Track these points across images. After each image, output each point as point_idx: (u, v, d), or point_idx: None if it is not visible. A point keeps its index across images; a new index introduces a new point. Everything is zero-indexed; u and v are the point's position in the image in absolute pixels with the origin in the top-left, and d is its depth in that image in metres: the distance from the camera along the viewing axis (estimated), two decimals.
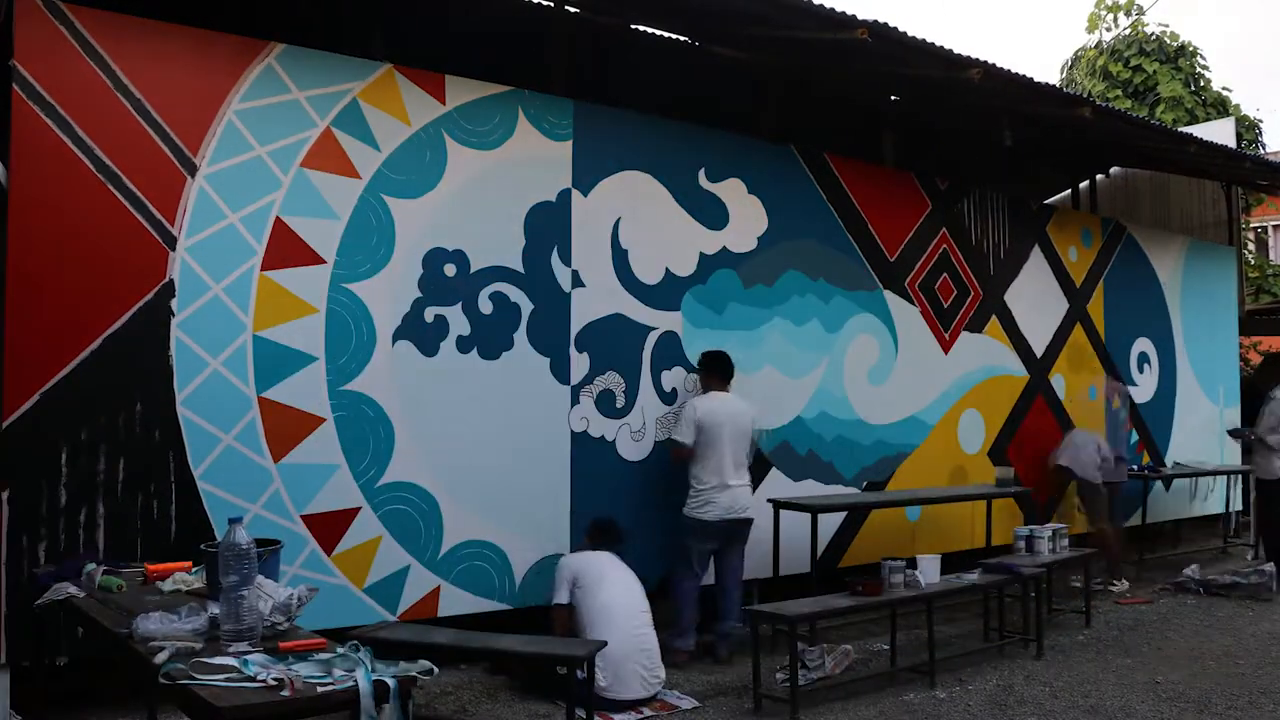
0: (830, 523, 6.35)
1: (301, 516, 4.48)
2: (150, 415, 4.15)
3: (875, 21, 5.37)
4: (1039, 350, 7.81)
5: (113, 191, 4.10)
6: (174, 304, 4.22)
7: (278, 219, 4.46)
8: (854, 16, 5.31)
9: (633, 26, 6.35)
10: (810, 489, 6.25)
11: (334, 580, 4.52)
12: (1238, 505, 9.52)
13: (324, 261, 4.57)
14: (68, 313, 4.00)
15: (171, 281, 4.21)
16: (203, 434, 4.25)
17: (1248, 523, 9.31)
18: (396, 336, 4.74)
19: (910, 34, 5.63)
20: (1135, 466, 8.30)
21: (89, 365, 4.03)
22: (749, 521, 5.41)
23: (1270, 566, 7.11)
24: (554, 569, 5.16)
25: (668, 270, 5.69)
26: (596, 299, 5.40)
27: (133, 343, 4.12)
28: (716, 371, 5.41)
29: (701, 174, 5.88)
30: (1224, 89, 15.28)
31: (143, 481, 4.14)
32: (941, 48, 5.85)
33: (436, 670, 2.31)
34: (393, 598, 4.70)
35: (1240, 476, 9.30)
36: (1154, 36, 15.40)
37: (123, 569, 3.28)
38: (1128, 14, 15.83)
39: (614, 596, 4.44)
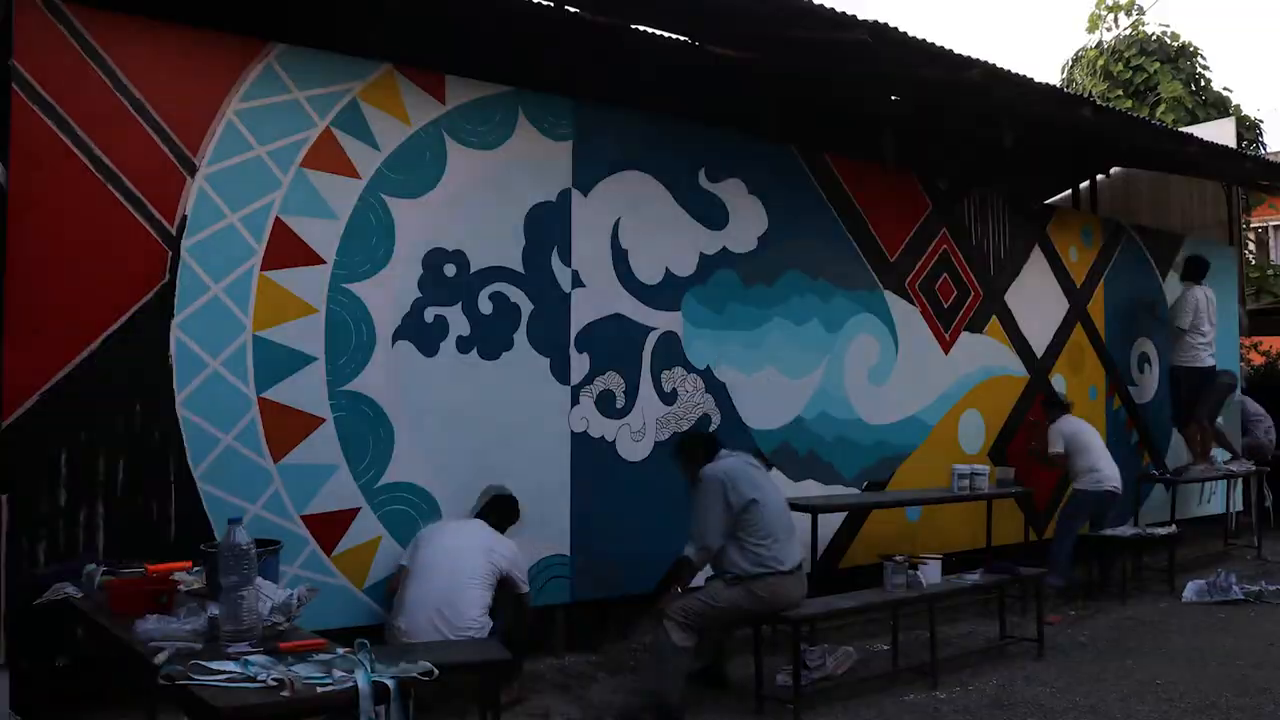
0: (830, 523, 6.35)
1: (301, 517, 4.47)
2: (150, 415, 4.15)
3: (875, 22, 5.36)
4: (1039, 350, 7.81)
5: (112, 191, 4.09)
6: (174, 304, 4.22)
7: (277, 219, 4.46)
8: (854, 17, 5.30)
9: (633, 26, 6.34)
10: (810, 489, 6.25)
11: (334, 581, 4.51)
12: (1239, 506, 9.50)
13: (324, 262, 4.57)
14: (67, 313, 3.99)
15: (171, 282, 4.21)
16: (202, 434, 4.24)
17: (1249, 523, 9.30)
18: (396, 337, 4.73)
19: (910, 34, 5.62)
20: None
21: (88, 366, 4.02)
22: (1118, 494, 7.17)
23: None
24: (556, 568, 5.19)
25: (668, 270, 5.68)
26: (596, 299, 5.40)
27: (132, 343, 4.11)
28: (1058, 408, 7.40)
29: (701, 174, 5.87)
30: (1225, 89, 15.31)
31: (142, 482, 4.13)
32: (942, 48, 5.84)
33: (437, 671, 2.30)
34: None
35: (1240, 480, 9.28)
36: (1154, 36, 15.42)
37: (122, 570, 3.28)
38: (1128, 14, 15.85)
39: (435, 552, 4.28)
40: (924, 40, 5.73)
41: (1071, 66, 16.39)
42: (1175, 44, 15.20)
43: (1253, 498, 9.28)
